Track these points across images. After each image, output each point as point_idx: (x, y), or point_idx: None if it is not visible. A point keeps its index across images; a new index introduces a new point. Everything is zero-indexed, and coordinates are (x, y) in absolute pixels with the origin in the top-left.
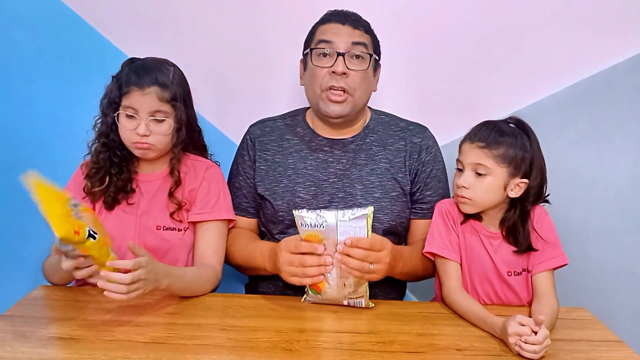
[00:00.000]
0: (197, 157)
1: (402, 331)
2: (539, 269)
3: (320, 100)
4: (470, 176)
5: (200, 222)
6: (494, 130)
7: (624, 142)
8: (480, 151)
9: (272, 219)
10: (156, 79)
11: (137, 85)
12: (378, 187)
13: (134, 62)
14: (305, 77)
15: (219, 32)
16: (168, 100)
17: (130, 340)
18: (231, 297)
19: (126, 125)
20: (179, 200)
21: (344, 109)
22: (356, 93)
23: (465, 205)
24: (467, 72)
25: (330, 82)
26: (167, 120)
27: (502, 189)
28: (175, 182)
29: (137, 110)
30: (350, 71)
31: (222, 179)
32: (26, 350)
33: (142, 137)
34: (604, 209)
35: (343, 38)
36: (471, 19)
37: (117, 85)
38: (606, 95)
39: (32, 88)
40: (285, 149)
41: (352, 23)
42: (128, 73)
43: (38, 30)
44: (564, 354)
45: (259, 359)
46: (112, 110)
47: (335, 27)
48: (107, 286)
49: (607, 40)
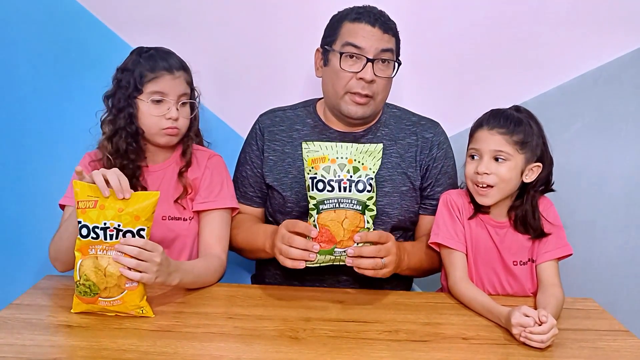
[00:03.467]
0: (198, 146)
1: (408, 320)
2: (544, 258)
3: (341, 102)
4: (491, 163)
5: (204, 211)
6: (510, 117)
7: (631, 133)
8: (501, 137)
9: (280, 210)
10: (181, 63)
11: (168, 70)
12: (388, 181)
13: (146, 51)
14: (325, 72)
15: (226, 25)
16: (189, 84)
17: (138, 329)
18: (237, 287)
19: (153, 112)
20: (187, 183)
21: (365, 112)
22: (379, 97)
23: (486, 197)
24: (472, 65)
25: (356, 87)
26: (189, 103)
27: (519, 175)
28: (187, 163)
29: (167, 94)
30: (377, 78)
31: (224, 167)
32: (35, 338)
33: (173, 122)
34: (611, 201)
35: (373, 44)
36: (477, 10)
37: (135, 74)
38: (613, 87)
39: (39, 82)
40: (295, 139)
41: (382, 26)
42: (151, 59)
43: (45, 24)
44: (570, 343)
45: (265, 347)
46: (133, 100)
47: (365, 29)
48: (122, 248)
49: (614, 31)
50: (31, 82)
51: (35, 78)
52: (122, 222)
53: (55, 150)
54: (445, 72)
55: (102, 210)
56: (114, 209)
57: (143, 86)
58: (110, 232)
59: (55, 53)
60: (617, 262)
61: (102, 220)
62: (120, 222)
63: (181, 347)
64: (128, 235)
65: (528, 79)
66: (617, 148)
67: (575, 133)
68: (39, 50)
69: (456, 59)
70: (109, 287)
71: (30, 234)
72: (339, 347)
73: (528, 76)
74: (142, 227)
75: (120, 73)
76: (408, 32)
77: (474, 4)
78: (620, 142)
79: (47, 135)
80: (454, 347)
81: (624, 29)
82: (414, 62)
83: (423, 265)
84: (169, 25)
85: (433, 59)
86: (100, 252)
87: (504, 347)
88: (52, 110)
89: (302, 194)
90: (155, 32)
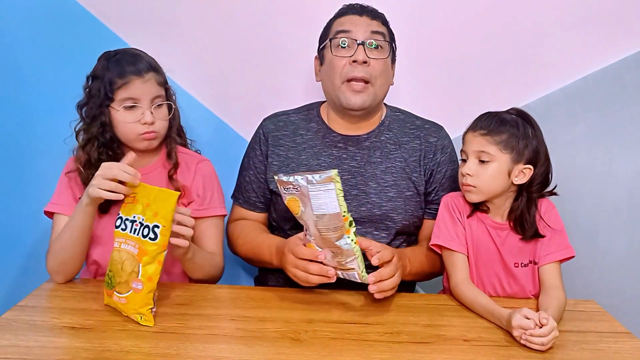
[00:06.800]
0: (185, 150)
1: (410, 322)
2: (546, 260)
3: (339, 92)
4: (474, 164)
5: (198, 219)
6: (495, 118)
7: (634, 135)
8: (483, 139)
9: (284, 215)
10: (150, 65)
11: (136, 74)
12: (392, 186)
13: (114, 55)
14: (322, 71)
15: (227, 25)
16: (162, 85)
17: (141, 330)
18: (240, 289)
19: (127, 118)
20: (179, 185)
21: (365, 100)
22: (377, 82)
23: (471, 193)
24: (475, 66)
25: (351, 72)
26: (164, 104)
27: (506, 176)
28: (174, 165)
29: (139, 99)
30: (371, 60)
31: (214, 173)
32: (39, 339)
33: (149, 126)
34: (614, 203)
35: (361, 27)
36: (479, 12)
37: (105, 81)
38: (616, 89)
39: (40, 83)
40: (299, 144)
41: (369, 14)
42: (117, 65)
43: (46, 25)
44: (571, 345)
45: (267, 349)
46: (105, 107)
47: (352, 18)
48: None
49: (617, 33)
50: (33, 84)
51: (36, 79)
52: (145, 216)
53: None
54: (449, 75)
55: (134, 204)
56: (143, 203)
57: (114, 94)
58: (136, 225)
59: (56, 53)
60: (620, 265)
61: (132, 213)
62: (144, 217)
63: (183, 349)
64: (145, 230)
65: (531, 81)
66: (620, 150)
67: (578, 135)
68: (39, 51)
69: (459, 61)
70: (121, 282)
71: (34, 235)
72: (340, 349)
73: (531, 78)
74: (157, 225)
75: (90, 81)
76: (410, 33)
77: (477, 6)
78: (623, 144)
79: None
80: (455, 348)
81: (627, 31)
82: (417, 64)
83: (424, 269)
84: (169, 26)
85: (436, 61)
86: (124, 246)
87: (505, 349)
88: (53, 110)
89: None
90: (155, 32)
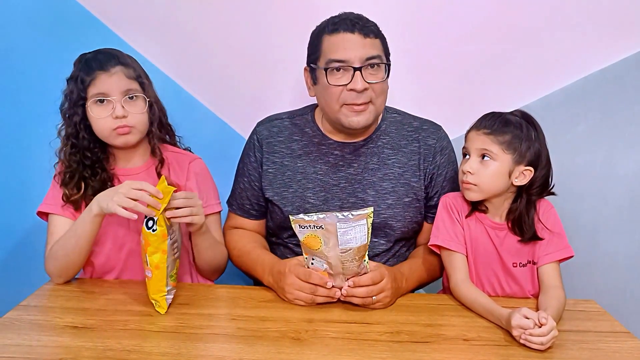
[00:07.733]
0: (176, 149)
1: (410, 322)
2: (545, 260)
3: (340, 115)
4: (475, 162)
5: None
6: (500, 118)
7: (635, 135)
8: (487, 137)
9: (282, 225)
10: (118, 60)
11: (102, 69)
12: (391, 193)
13: (86, 55)
14: (317, 90)
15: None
16: (135, 78)
17: (143, 330)
18: (240, 289)
19: (100, 113)
20: (171, 182)
21: (367, 119)
22: (377, 101)
23: (470, 191)
24: (475, 67)
25: (349, 99)
26: (140, 96)
27: (507, 176)
28: (160, 161)
29: (108, 93)
30: (369, 84)
31: (207, 170)
32: (42, 339)
33: (121, 120)
34: (615, 203)
35: (356, 53)
36: (479, 13)
37: (77, 81)
38: (616, 89)
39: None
40: (294, 151)
41: (362, 30)
42: (86, 64)
43: (49, 27)
44: (570, 344)
45: (268, 348)
46: (80, 107)
47: (344, 38)
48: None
49: (618, 33)
50: (34, 84)
51: (36, 79)
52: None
53: None
54: (448, 75)
55: None
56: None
57: (85, 92)
58: None
59: (56, 54)
60: (620, 264)
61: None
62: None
63: (185, 348)
64: (150, 222)
65: (531, 81)
66: (621, 150)
67: (579, 135)
68: (40, 51)
69: (459, 61)
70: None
71: (36, 235)
72: (341, 348)
73: (531, 78)
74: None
75: (67, 85)
76: (411, 33)
77: (477, 6)
78: (623, 144)
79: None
80: (455, 348)
81: (627, 31)
82: (416, 64)
83: (423, 280)
84: (169, 26)
85: (435, 61)
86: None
87: (505, 348)
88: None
89: (304, 209)
90: (155, 33)
